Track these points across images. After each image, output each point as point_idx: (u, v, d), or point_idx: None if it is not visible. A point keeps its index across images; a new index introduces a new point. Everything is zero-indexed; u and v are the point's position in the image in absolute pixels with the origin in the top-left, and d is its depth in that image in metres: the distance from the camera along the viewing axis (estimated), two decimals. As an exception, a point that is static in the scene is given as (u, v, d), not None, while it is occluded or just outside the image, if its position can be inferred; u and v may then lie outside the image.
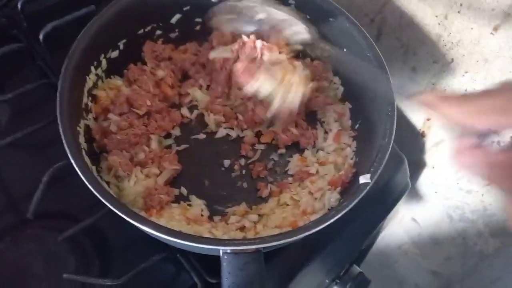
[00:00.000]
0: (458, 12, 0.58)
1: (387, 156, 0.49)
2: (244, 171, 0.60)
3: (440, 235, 0.80)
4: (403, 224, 0.86)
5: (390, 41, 0.69)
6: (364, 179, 0.48)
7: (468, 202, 0.71)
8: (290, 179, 0.60)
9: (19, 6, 0.64)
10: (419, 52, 0.66)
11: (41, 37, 0.61)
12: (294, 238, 0.43)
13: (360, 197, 0.46)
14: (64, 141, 0.45)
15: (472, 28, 0.58)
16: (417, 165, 0.76)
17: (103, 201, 0.43)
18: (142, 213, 0.51)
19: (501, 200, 0.32)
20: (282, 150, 0.62)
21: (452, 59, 0.62)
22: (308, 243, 0.58)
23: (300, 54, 0.66)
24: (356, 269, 0.62)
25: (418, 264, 0.88)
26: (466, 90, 0.62)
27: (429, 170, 0.76)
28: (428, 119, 0.71)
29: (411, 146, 0.74)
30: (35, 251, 0.50)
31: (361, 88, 0.60)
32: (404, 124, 0.74)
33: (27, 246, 0.50)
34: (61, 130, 0.45)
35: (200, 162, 0.60)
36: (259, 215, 0.56)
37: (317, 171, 0.58)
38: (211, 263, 0.50)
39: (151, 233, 0.43)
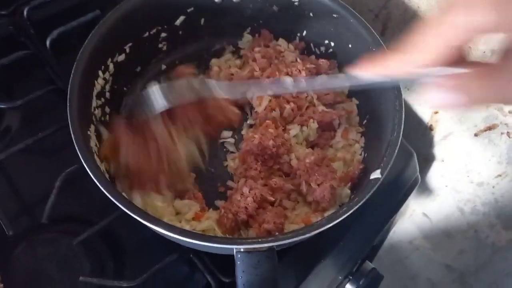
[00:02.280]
0: (463, 4, 0.58)
1: (396, 151, 0.49)
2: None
3: (452, 229, 0.79)
4: (414, 218, 0.85)
5: (395, 36, 0.69)
6: (374, 174, 0.48)
7: (479, 195, 0.71)
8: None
9: (25, 13, 0.65)
10: (425, 45, 0.66)
11: (48, 43, 0.62)
12: (307, 235, 0.43)
13: (371, 192, 0.46)
14: (76, 146, 0.45)
15: (477, 20, 0.57)
16: (426, 159, 0.75)
17: (117, 203, 0.43)
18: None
19: None
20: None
21: (459, 52, 0.62)
22: (320, 239, 0.58)
23: (305, 51, 0.67)
24: (369, 265, 0.62)
25: (430, 258, 0.87)
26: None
27: (438, 164, 0.75)
28: (435, 112, 0.70)
29: (419, 140, 0.74)
30: (51, 255, 0.51)
31: (367, 84, 0.60)
32: (412, 118, 0.73)
33: (42, 250, 0.51)
34: (72, 135, 0.45)
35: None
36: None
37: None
38: (225, 263, 0.50)
39: (164, 234, 0.44)
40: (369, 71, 0.35)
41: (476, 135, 0.66)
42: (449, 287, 0.87)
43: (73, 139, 0.45)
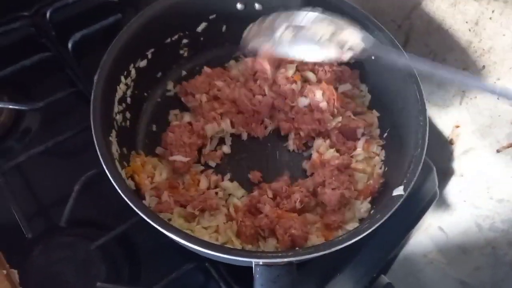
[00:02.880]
0: (490, 18, 0.57)
1: (420, 168, 0.48)
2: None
3: (468, 244, 0.78)
4: (430, 232, 0.84)
5: (418, 47, 0.68)
6: (397, 191, 0.47)
7: (498, 212, 0.69)
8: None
9: (47, 15, 0.65)
10: (448, 58, 0.65)
11: (69, 45, 0.63)
12: (328, 251, 0.42)
13: (393, 210, 0.45)
14: (98, 152, 0.45)
15: (504, 35, 0.56)
16: (445, 173, 0.74)
17: (136, 210, 0.43)
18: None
19: None
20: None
21: (484, 66, 0.61)
22: (337, 253, 0.56)
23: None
24: (384, 279, 0.61)
25: (444, 273, 0.86)
26: (498, 98, 0.61)
27: (457, 178, 0.74)
28: (457, 126, 0.69)
29: (439, 153, 0.73)
30: (68, 259, 0.51)
31: (389, 96, 0.59)
32: (432, 131, 0.71)
33: (60, 253, 0.51)
34: (95, 141, 0.46)
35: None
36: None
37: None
38: (241, 273, 0.50)
39: (182, 244, 0.43)
40: None
41: (498, 151, 0.64)
42: (463, 303, 0.86)
43: (96, 145, 0.45)
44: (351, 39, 0.52)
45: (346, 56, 0.53)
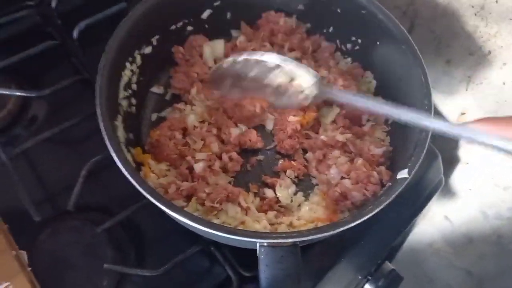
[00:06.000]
0: (496, 1, 0.56)
1: (425, 151, 0.48)
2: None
3: (474, 233, 0.77)
4: (435, 221, 0.84)
5: (423, 33, 0.67)
6: (401, 174, 0.47)
7: (504, 199, 0.69)
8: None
9: (53, 4, 0.66)
10: (454, 44, 0.65)
11: (75, 34, 0.63)
12: (331, 233, 0.43)
13: (398, 191, 0.45)
14: (105, 135, 0.45)
15: (511, 19, 0.56)
16: (451, 161, 0.74)
17: (143, 192, 0.43)
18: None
19: None
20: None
21: (489, 51, 0.60)
22: (341, 238, 0.57)
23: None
24: (389, 266, 0.61)
25: (450, 262, 0.86)
26: (504, 83, 0.61)
27: (462, 166, 0.74)
28: (463, 113, 0.69)
29: (444, 141, 0.72)
30: (75, 242, 0.51)
31: (394, 82, 0.59)
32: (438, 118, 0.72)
33: (67, 237, 0.52)
34: (101, 124, 0.46)
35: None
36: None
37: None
38: (245, 257, 0.50)
39: (188, 225, 0.44)
40: (492, 131, 0.34)
41: (504, 137, 0.64)
42: (468, 292, 0.85)
43: (102, 129, 0.46)
44: (307, 86, 0.54)
45: (306, 102, 0.55)
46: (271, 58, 0.53)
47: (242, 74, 0.55)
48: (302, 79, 0.54)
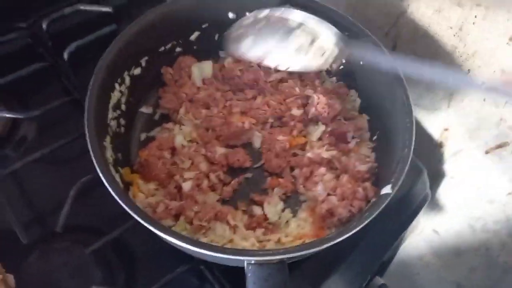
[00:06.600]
0: (473, 23, 0.59)
1: (407, 167, 0.49)
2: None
3: (463, 246, 0.78)
4: (424, 235, 0.85)
5: (405, 53, 0.70)
6: (385, 190, 0.48)
7: (490, 213, 0.70)
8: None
9: (44, 26, 0.67)
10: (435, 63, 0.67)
11: (65, 55, 0.64)
12: (317, 249, 0.43)
13: (382, 207, 0.46)
14: (92, 155, 0.46)
15: (487, 39, 0.58)
16: (436, 176, 0.75)
17: (131, 213, 0.44)
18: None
19: None
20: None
21: (469, 70, 0.63)
22: (330, 254, 0.57)
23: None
24: (379, 280, 0.62)
25: (440, 275, 0.86)
26: (484, 100, 0.63)
27: (448, 181, 0.75)
28: (446, 129, 0.71)
29: (429, 156, 0.74)
30: (63, 264, 0.51)
31: (378, 100, 0.61)
32: (422, 134, 0.74)
33: (55, 259, 0.51)
34: (89, 145, 0.46)
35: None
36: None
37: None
38: (235, 276, 0.50)
39: (176, 244, 0.44)
40: None
41: (487, 152, 0.66)
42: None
43: (90, 149, 0.46)
44: (328, 46, 0.52)
45: (326, 64, 0.54)
46: (294, 15, 0.51)
47: (263, 33, 0.54)
48: (324, 39, 0.52)
